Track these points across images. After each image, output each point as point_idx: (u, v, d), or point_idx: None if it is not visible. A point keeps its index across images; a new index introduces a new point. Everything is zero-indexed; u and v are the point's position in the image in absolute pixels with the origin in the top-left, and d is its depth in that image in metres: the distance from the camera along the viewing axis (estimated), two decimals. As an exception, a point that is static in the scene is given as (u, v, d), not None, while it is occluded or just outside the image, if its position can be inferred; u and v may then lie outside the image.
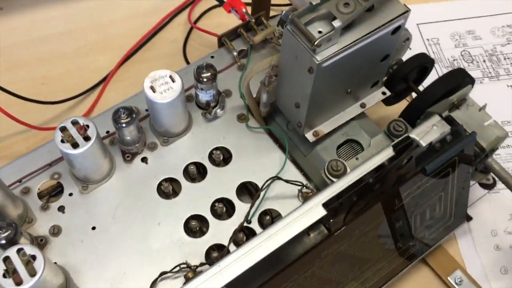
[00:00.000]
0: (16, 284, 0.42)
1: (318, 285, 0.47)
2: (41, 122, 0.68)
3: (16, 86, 0.65)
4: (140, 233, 0.51)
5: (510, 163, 0.67)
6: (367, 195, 0.47)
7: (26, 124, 0.61)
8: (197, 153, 0.55)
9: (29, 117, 0.63)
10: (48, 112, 0.68)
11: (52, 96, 0.68)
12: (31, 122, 0.63)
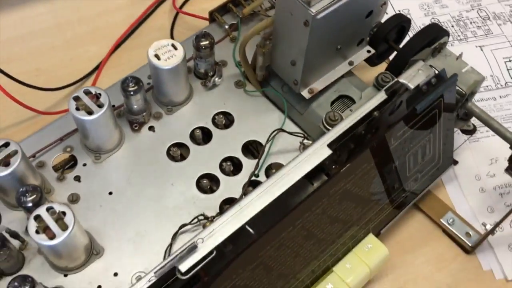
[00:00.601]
0: (50, 239, 0.44)
1: (328, 223, 0.50)
2: (41, 109, 0.69)
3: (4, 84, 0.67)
4: (156, 194, 0.54)
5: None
6: (364, 139, 0.51)
7: (32, 108, 0.63)
8: (201, 118, 0.59)
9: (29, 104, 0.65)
10: (47, 100, 0.70)
11: (48, 86, 0.71)
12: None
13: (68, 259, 0.48)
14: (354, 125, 0.50)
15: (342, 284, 0.53)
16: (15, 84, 0.64)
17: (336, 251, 0.53)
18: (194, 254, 0.43)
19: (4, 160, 0.47)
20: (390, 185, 0.56)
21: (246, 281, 0.46)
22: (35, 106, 0.69)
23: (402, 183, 0.58)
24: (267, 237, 0.46)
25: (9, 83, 0.64)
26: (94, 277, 0.49)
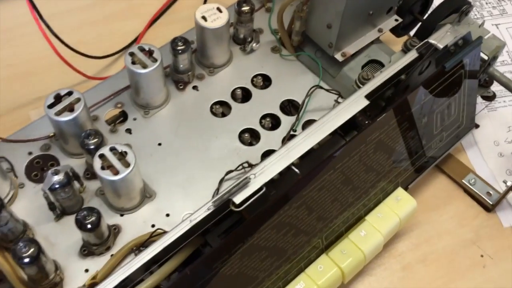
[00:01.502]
0: (114, 175, 0.48)
1: (363, 171, 0.54)
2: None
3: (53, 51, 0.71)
4: (201, 145, 0.58)
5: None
6: (397, 93, 0.55)
7: (82, 73, 0.67)
8: (240, 80, 0.63)
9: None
10: (89, 68, 0.75)
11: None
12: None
13: (126, 198, 0.52)
14: (389, 79, 0.54)
15: (375, 232, 0.57)
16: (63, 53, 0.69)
17: (369, 201, 0.57)
18: (246, 188, 0.47)
19: (69, 106, 0.52)
20: (419, 140, 0.60)
21: (291, 219, 0.50)
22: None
23: (429, 140, 0.62)
24: (311, 177, 0.50)
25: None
26: (148, 217, 0.53)
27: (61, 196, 0.50)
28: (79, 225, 0.47)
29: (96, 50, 0.78)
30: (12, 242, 0.49)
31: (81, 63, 0.71)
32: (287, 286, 0.52)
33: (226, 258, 0.46)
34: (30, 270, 0.45)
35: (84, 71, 0.73)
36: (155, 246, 0.44)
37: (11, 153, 0.55)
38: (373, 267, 0.62)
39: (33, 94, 0.74)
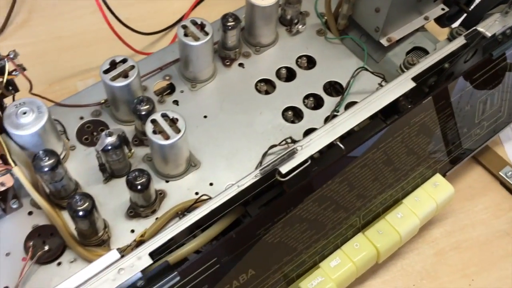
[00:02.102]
0: (165, 139, 0.50)
1: (405, 153, 0.55)
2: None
3: (102, 25, 0.73)
4: (245, 120, 0.59)
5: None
6: (442, 77, 0.56)
7: (131, 47, 0.69)
8: (285, 59, 0.64)
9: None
10: (135, 45, 0.77)
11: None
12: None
13: (173, 165, 0.53)
14: (436, 63, 0.54)
15: (412, 215, 0.57)
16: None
17: (407, 184, 0.58)
18: (293, 159, 0.48)
19: (124, 73, 0.54)
20: (460, 128, 0.61)
21: (332, 193, 0.51)
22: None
23: (471, 129, 0.62)
24: (355, 153, 0.51)
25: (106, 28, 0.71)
26: (192, 185, 0.55)
27: (112, 158, 0.52)
28: (130, 185, 0.49)
29: (142, 28, 0.80)
30: (63, 199, 0.52)
31: (127, 39, 0.74)
32: (323, 260, 0.54)
33: (270, 225, 0.48)
34: (83, 224, 0.47)
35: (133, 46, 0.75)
36: (202, 209, 0.46)
37: (63, 117, 0.58)
38: (406, 251, 0.63)
39: (81, 66, 0.76)
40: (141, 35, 0.76)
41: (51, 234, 0.50)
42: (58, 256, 0.50)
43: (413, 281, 0.61)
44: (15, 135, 0.49)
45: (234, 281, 0.48)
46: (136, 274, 0.42)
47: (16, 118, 0.49)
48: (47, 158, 0.47)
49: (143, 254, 0.43)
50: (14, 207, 0.52)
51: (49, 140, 0.51)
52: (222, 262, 0.46)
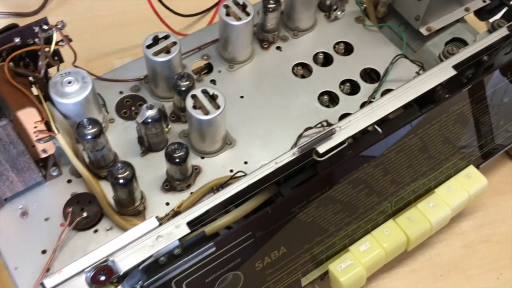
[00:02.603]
0: (204, 115, 0.51)
1: (441, 142, 0.55)
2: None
3: (140, 6, 0.74)
4: (281, 102, 0.60)
5: None
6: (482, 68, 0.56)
7: (170, 27, 0.70)
8: (323, 45, 0.65)
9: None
10: (174, 26, 0.78)
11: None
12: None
13: (209, 141, 0.54)
14: (478, 53, 0.54)
15: (444, 204, 0.57)
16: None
17: (440, 173, 0.58)
18: (330, 140, 0.48)
19: (166, 49, 0.54)
20: (494, 122, 0.60)
21: (367, 176, 0.51)
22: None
23: (504, 124, 0.62)
24: (391, 138, 0.51)
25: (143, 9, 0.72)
26: (227, 162, 0.56)
27: (151, 131, 0.53)
28: (168, 158, 0.50)
29: (178, 10, 0.81)
30: (102, 169, 0.53)
31: (165, 20, 0.75)
32: (353, 244, 0.54)
33: (305, 204, 0.48)
34: (122, 192, 0.48)
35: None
36: (239, 183, 0.46)
37: (104, 91, 0.59)
38: (435, 241, 0.63)
39: (118, 44, 0.78)
40: (179, 16, 0.77)
41: (89, 202, 0.51)
42: (95, 224, 0.51)
43: (441, 271, 0.61)
44: (59, 103, 0.50)
45: (266, 257, 0.49)
46: (174, 242, 0.43)
47: (61, 86, 0.50)
48: (91, 126, 0.48)
49: (181, 223, 0.44)
50: (54, 175, 0.53)
51: (91, 111, 0.52)
52: (256, 236, 0.47)
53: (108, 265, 0.41)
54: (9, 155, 0.47)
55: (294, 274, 0.51)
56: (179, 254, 0.43)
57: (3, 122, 0.43)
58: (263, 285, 0.50)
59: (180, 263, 0.43)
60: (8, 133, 0.44)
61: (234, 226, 0.49)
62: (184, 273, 0.44)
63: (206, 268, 0.45)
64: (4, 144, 0.45)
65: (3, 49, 0.49)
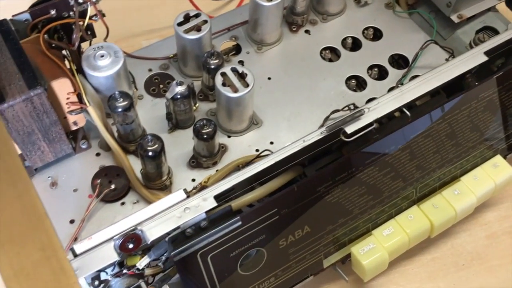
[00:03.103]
0: (234, 92, 0.51)
1: (469, 129, 0.55)
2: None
3: None
4: (309, 84, 0.60)
5: None
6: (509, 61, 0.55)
7: (198, 8, 0.71)
8: (352, 29, 0.65)
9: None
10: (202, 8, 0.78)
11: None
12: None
13: (237, 120, 0.54)
14: (509, 40, 0.53)
15: (469, 193, 0.57)
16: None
17: (467, 162, 0.57)
18: (359, 120, 0.48)
19: (197, 27, 0.55)
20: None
21: (394, 160, 0.51)
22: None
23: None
24: (420, 122, 0.51)
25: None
26: (253, 142, 0.56)
27: (180, 108, 0.53)
28: (196, 133, 0.50)
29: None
30: (130, 143, 0.53)
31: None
32: (376, 228, 0.54)
33: (331, 184, 0.48)
34: (150, 164, 0.48)
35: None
36: (267, 159, 0.47)
37: (133, 68, 0.60)
38: (458, 231, 0.63)
39: (146, 26, 0.78)
40: (208, 0, 0.77)
41: (117, 175, 0.52)
42: (122, 196, 0.52)
43: (463, 261, 0.61)
44: (91, 76, 0.51)
45: (290, 236, 0.49)
46: (201, 215, 0.44)
47: (94, 60, 0.51)
48: (122, 99, 0.49)
49: (208, 196, 0.44)
50: (83, 147, 0.54)
51: (121, 86, 0.53)
52: (281, 214, 0.47)
53: (136, 234, 0.42)
54: (42, 124, 0.47)
55: (316, 255, 0.51)
56: (205, 226, 0.44)
57: (38, 90, 0.44)
58: (285, 264, 0.50)
59: (206, 235, 0.44)
60: (43, 102, 0.45)
61: (258, 204, 0.50)
62: (210, 245, 0.44)
63: (231, 243, 0.45)
64: (38, 113, 0.46)
65: (39, 21, 0.50)
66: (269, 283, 0.50)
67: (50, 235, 0.24)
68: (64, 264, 0.24)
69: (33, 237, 0.24)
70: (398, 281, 0.59)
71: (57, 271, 0.23)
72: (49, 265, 0.23)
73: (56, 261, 0.23)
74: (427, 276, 0.60)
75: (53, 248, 0.24)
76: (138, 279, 0.44)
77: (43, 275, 0.23)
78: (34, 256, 0.23)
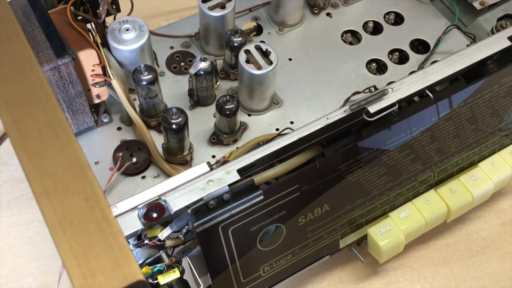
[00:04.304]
0: (257, 69, 0.51)
1: (489, 115, 0.55)
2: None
3: None
4: (329, 66, 0.60)
5: None
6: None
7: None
8: (373, 13, 0.65)
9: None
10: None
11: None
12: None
13: (258, 98, 0.55)
14: (534, 25, 0.54)
15: (486, 179, 0.57)
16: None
17: (485, 148, 0.57)
18: (382, 100, 0.49)
19: (221, 4, 0.55)
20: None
21: (414, 142, 0.51)
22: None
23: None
24: (442, 105, 0.51)
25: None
26: (273, 121, 0.56)
27: (202, 84, 0.53)
28: (219, 109, 0.50)
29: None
30: (152, 117, 0.54)
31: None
32: (393, 211, 0.54)
33: (352, 162, 0.48)
34: (173, 138, 0.49)
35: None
36: (291, 135, 0.47)
37: (155, 45, 0.60)
38: (472, 217, 0.63)
39: (165, 7, 0.79)
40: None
41: (138, 149, 0.53)
42: (143, 170, 0.52)
43: (477, 247, 0.61)
44: (116, 50, 0.51)
45: (309, 213, 0.49)
46: (224, 187, 0.44)
47: (119, 33, 0.51)
48: (147, 72, 0.49)
49: (231, 170, 0.44)
50: (105, 121, 0.55)
51: (145, 60, 0.53)
52: (302, 190, 0.47)
53: (160, 203, 0.42)
54: (67, 94, 0.48)
55: (333, 234, 0.52)
56: (228, 199, 0.44)
57: (66, 60, 0.44)
58: (303, 242, 0.50)
59: (228, 208, 0.44)
60: (70, 72, 0.46)
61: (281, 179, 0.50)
62: (231, 218, 0.45)
63: (252, 217, 0.46)
64: (64, 83, 0.46)
65: (66, -8, 0.50)
66: (287, 260, 0.51)
67: (93, 186, 0.25)
68: (107, 214, 0.24)
69: (76, 187, 0.24)
70: (413, 264, 0.60)
71: (100, 220, 0.24)
72: (92, 214, 0.24)
73: (99, 210, 0.24)
74: (441, 260, 0.60)
75: (96, 198, 0.24)
76: (159, 250, 0.45)
77: (87, 223, 0.23)
78: (78, 205, 0.24)
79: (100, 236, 0.24)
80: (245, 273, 0.48)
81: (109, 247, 0.24)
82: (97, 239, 0.24)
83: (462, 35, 0.62)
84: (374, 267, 0.60)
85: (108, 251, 0.24)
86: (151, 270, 0.43)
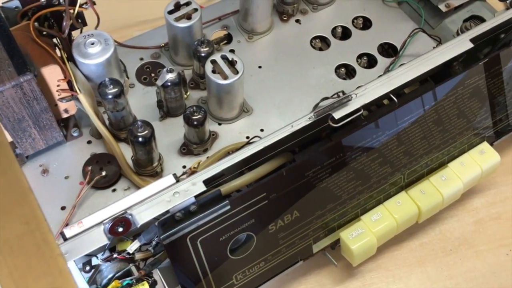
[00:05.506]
0: (223, 79, 0.52)
1: (456, 116, 0.56)
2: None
3: None
4: (299, 72, 0.61)
5: None
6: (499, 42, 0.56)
7: None
8: (342, 19, 0.65)
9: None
10: None
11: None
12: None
13: (227, 107, 0.55)
14: (494, 28, 0.54)
15: (456, 179, 0.58)
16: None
17: (454, 148, 0.58)
18: (346, 106, 0.49)
19: (187, 15, 0.55)
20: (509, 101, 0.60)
21: (381, 146, 0.52)
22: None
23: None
24: (407, 108, 0.52)
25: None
26: (243, 129, 0.57)
27: (170, 95, 0.54)
28: (187, 120, 0.51)
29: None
30: (121, 130, 0.54)
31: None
32: (365, 214, 0.55)
33: (319, 169, 0.49)
34: (141, 150, 0.49)
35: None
36: (256, 145, 0.47)
37: (124, 57, 0.60)
38: (445, 217, 0.64)
39: (139, 17, 0.79)
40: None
41: (108, 162, 0.53)
42: (113, 183, 0.52)
43: (451, 246, 0.62)
44: (82, 64, 0.51)
45: (279, 220, 0.50)
46: (190, 199, 0.44)
47: (84, 47, 0.51)
48: (112, 86, 0.49)
49: (197, 181, 0.45)
50: (74, 135, 0.55)
51: (112, 74, 0.53)
52: (270, 198, 0.48)
53: (126, 217, 0.42)
54: (32, 111, 0.48)
55: (306, 239, 0.52)
56: (194, 210, 0.45)
57: (28, 76, 0.44)
58: (275, 249, 0.51)
59: (196, 219, 0.44)
60: (33, 88, 0.46)
61: (247, 188, 0.50)
62: (199, 229, 0.45)
63: (220, 227, 0.46)
64: (28, 99, 0.46)
65: (29, 8, 0.50)
66: (259, 268, 0.51)
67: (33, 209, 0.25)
68: (48, 237, 0.24)
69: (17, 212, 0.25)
70: (387, 265, 0.60)
71: (41, 243, 0.24)
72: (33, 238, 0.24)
73: (40, 234, 0.24)
74: (415, 261, 0.61)
75: (37, 222, 0.24)
76: (128, 264, 0.45)
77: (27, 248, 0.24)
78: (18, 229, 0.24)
79: (40, 260, 0.24)
80: (217, 282, 0.49)
81: (48, 271, 0.24)
82: (37, 263, 0.24)
83: (428, 37, 0.63)
84: (350, 270, 0.60)
85: (48, 275, 0.24)
86: (120, 284, 0.44)
